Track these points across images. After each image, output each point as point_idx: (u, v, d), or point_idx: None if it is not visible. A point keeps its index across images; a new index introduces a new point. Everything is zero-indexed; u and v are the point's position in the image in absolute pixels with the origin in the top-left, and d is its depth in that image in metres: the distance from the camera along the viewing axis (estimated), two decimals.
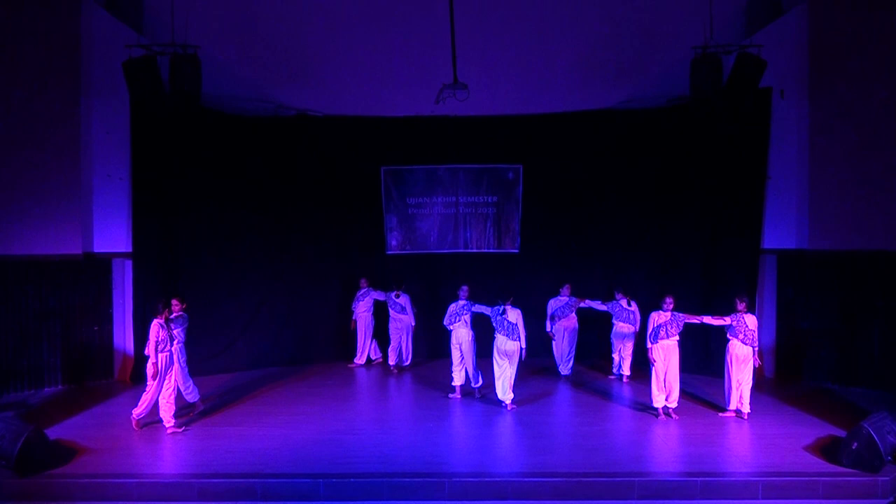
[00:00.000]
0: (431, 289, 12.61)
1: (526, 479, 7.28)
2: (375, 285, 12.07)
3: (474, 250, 12.80)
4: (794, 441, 8.19)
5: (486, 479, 7.28)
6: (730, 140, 11.04)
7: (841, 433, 8.01)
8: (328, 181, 12.32)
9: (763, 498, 7.11)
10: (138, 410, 8.59)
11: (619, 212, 12.15)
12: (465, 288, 10.03)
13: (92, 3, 10.40)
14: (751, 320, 8.88)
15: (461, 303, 9.88)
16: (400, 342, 11.74)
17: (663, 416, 9.01)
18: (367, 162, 12.49)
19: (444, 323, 9.93)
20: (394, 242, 12.80)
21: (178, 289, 11.30)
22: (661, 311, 9.01)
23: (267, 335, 12.10)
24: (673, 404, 9.07)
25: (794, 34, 10.46)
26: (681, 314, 8.96)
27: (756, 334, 8.89)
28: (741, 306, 8.85)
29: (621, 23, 11.31)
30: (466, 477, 7.31)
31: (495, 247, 12.79)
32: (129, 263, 11.05)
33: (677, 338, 9.01)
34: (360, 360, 12.06)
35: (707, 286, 11.39)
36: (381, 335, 12.09)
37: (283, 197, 12.08)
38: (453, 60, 9.63)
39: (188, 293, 11.31)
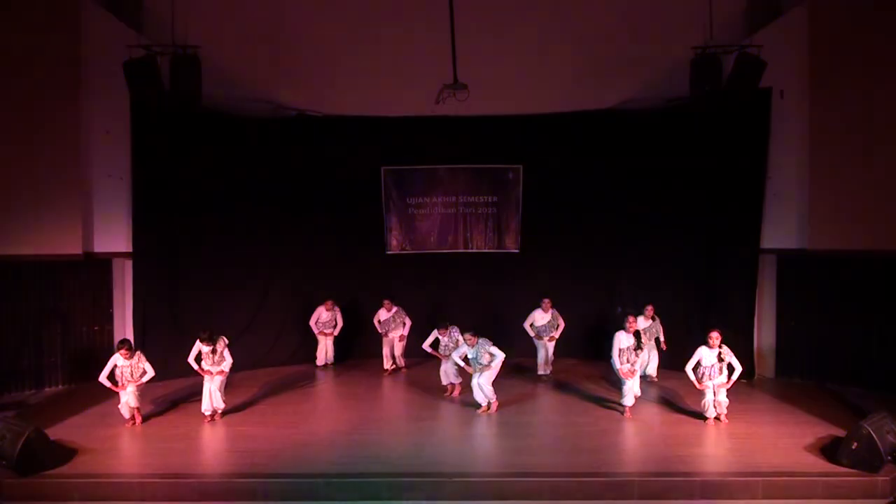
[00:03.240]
0: (431, 289, 12.61)
1: (526, 480, 7.27)
2: (374, 286, 12.20)
3: (474, 250, 12.81)
4: (794, 441, 8.19)
5: (486, 480, 7.28)
6: (730, 140, 11.04)
7: (841, 433, 8.01)
8: (328, 181, 12.33)
9: (763, 498, 7.11)
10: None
11: (618, 211, 12.15)
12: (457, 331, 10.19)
13: (92, 3, 10.40)
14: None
15: (463, 350, 9.51)
16: (393, 348, 11.75)
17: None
18: (367, 162, 12.49)
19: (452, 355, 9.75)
20: (394, 242, 12.80)
21: (177, 289, 11.33)
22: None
23: (267, 335, 12.11)
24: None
25: (794, 34, 10.45)
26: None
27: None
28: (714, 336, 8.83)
29: (621, 23, 11.31)
30: (466, 477, 7.31)
31: (495, 247, 12.79)
32: (129, 263, 11.05)
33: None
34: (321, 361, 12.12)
35: (707, 286, 11.38)
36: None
37: (283, 197, 12.09)
38: (453, 60, 9.63)
39: (188, 293, 11.37)
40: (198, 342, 9.29)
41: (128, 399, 8.80)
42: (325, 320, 11.90)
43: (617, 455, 8.00)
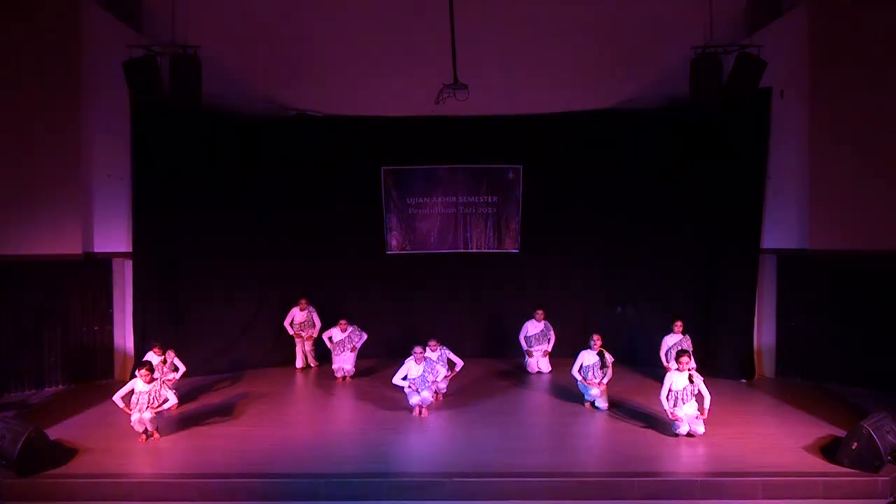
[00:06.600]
0: (431, 289, 12.60)
1: (526, 480, 7.27)
2: (374, 286, 12.33)
3: (474, 250, 12.80)
4: (794, 441, 8.19)
5: (486, 480, 7.28)
6: (730, 140, 11.03)
7: (841, 433, 8.02)
8: (328, 181, 12.31)
9: (763, 498, 7.11)
10: None
11: (618, 211, 12.14)
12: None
13: (92, 2, 10.39)
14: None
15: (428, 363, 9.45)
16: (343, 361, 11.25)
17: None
18: (367, 162, 12.47)
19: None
20: (394, 242, 12.79)
21: (177, 289, 11.32)
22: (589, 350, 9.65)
23: (267, 335, 12.09)
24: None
25: (795, 34, 10.45)
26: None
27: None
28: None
29: (621, 23, 11.29)
30: (466, 477, 7.31)
31: (495, 247, 12.78)
32: (129, 263, 11.06)
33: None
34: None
35: (707, 286, 11.37)
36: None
37: (283, 197, 12.06)
38: (453, 60, 9.62)
39: (188, 293, 11.37)
40: (150, 352, 9.47)
41: (146, 419, 8.31)
42: (301, 321, 11.72)
43: (616, 455, 7.99)
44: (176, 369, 9.68)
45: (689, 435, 8.38)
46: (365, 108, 12.10)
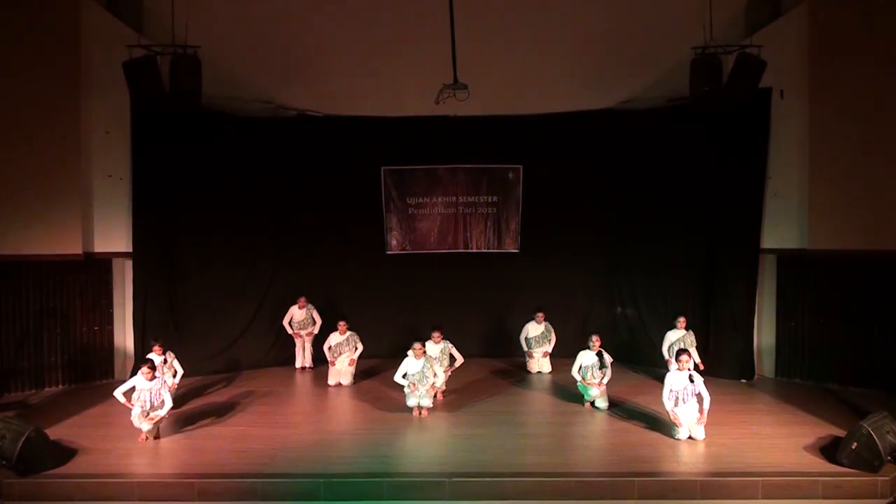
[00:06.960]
0: (431, 289, 12.60)
1: (526, 479, 7.27)
2: (374, 286, 12.38)
3: (474, 250, 12.80)
4: (794, 441, 8.19)
5: (486, 479, 7.27)
6: (730, 140, 11.03)
7: (841, 433, 8.01)
8: (328, 181, 12.32)
9: (763, 498, 7.11)
10: None
11: (618, 211, 12.15)
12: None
13: (92, 2, 10.40)
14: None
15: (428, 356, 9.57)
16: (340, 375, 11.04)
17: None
18: (367, 162, 12.48)
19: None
20: (394, 242, 12.79)
21: (177, 289, 11.33)
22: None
23: (267, 335, 12.10)
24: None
25: (794, 34, 10.45)
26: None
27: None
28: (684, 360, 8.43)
29: (621, 23, 11.30)
30: (466, 477, 7.30)
31: (495, 247, 12.78)
32: (129, 263, 11.06)
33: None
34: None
35: (707, 286, 11.37)
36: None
37: (283, 197, 12.09)
38: (453, 60, 9.62)
39: (188, 293, 11.38)
40: (151, 352, 9.42)
41: (142, 426, 8.27)
42: (300, 319, 11.71)
43: (616, 455, 7.99)
44: (175, 373, 9.61)
45: (690, 438, 8.37)
46: (365, 108, 12.11)
